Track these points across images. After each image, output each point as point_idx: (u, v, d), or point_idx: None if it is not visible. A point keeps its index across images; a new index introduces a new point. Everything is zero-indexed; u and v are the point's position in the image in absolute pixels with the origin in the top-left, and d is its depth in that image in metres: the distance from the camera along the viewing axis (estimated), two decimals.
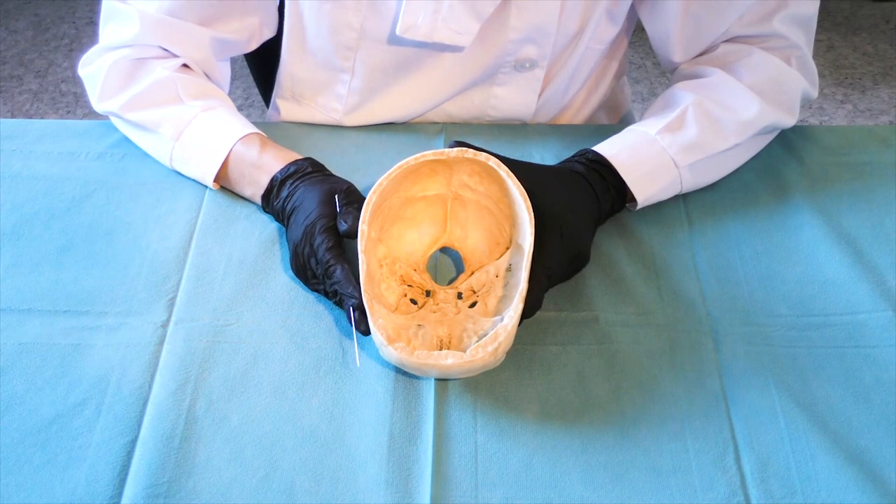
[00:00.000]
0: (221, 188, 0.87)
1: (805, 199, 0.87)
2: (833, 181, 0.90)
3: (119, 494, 0.63)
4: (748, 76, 0.87)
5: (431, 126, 0.97)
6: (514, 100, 0.96)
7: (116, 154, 0.91)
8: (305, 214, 0.76)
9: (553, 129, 0.97)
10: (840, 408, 0.69)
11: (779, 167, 0.91)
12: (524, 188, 0.73)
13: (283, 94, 1.00)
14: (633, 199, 0.83)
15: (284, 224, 0.80)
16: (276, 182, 0.81)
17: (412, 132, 0.96)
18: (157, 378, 0.70)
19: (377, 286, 0.73)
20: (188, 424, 0.67)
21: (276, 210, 0.81)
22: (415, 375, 0.70)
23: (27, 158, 0.90)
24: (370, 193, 0.73)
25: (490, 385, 0.70)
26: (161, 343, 0.72)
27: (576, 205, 0.78)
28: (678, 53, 0.93)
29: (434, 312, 0.73)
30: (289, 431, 0.67)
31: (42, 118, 2.14)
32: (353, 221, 0.73)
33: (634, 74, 2.32)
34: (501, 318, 0.69)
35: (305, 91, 0.98)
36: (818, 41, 2.44)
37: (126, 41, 0.86)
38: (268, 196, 0.82)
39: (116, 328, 0.74)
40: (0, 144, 0.91)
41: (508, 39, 0.90)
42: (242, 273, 0.78)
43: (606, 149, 0.83)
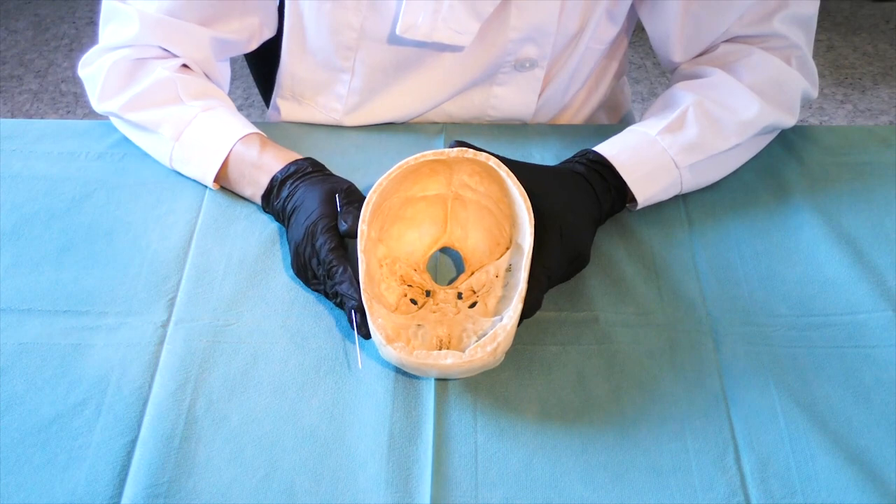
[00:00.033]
0: (221, 188, 0.87)
1: (805, 199, 0.87)
2: (833, 181, 0.90)
3: (119, 494, 0.63)
4: (748, 76, 0.87)
5: (431, 126, 0.97)
6: (514, 100, 0.96)
7: (116, 154, 0.91)
8: (306, 214, 0.76)
9: (553, 129, 0.97)
10: (840, 408, 0.69)
11: (779, 167, 0.91)
12: (524, 188, 0.73)
13: (284, 94, 1.00)
14: (634, 200, 0.83)
15: (285, 224, 0.80)
16: (277, 182, 0.81)
17: (412, 132, 0.96)
18: (157, 378, 0.70)
19: (377, 286, 0.73)
20: (188, 424, 0.67)
21: (277, 210, 0.81)
22: (415, 375, 0.70)
23: (27, 158, 0.90)
24: (370, 193, 0.73)
25: (490, 385, 0.70)
26: (161, 343, 0.72)
27: (576, 205, 0.78)
28: (678, 53, 0.93)
29: (434, 312, 0.73)
30: (289, 431, 0.67)
31: (42, 118, 2.14)
32: (354, 221, 0.73)
33: (634, 74, 2.32)
34: (501, 319, 0.69)
35: (305, 91, 0.98)
36: (818, 41, 2.44)
37: (126, 41, 0.86)
38: (268, 196, 0.82)
39: (116, 328, 0.74)
40: (0, 144, 0.91)
41: (508, 39, 0.90)
42: (242, 273, 0.78)
43: (607, 149, 0.83)
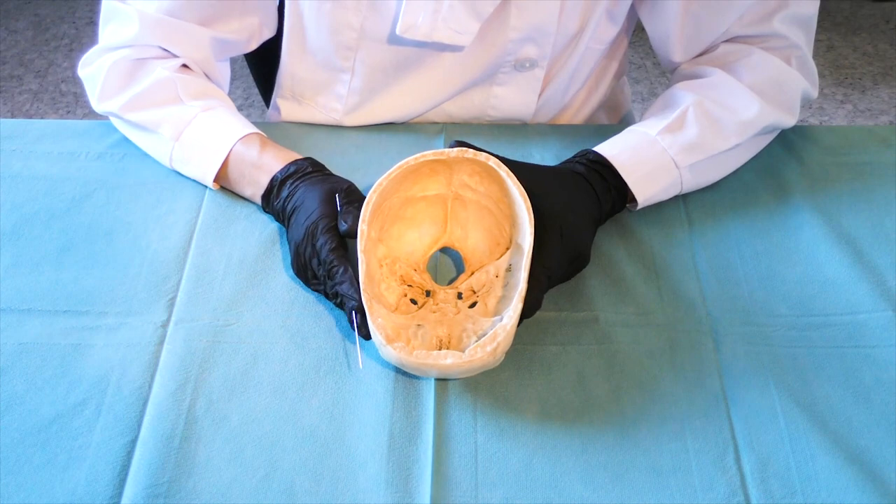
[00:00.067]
0: (221, 188, 0.87)
1: (805, 199, 0.87)
2: (833, 181, 0.90)
3: (119, 494, 0.63)
4: (748, 76, 0.87)
5: (431, 126, 0.97)
6: (514, 100, 0.96)
7: (116, 154, 0.91)
8: (307, 214, 0.76)
9: (553, 129, 0.97)
10: (840, 408, 0.69)
11: (779, 167, 0.91)
12: (524, 188, 0.73)
13: (284, 94, 1.00)
14: (634, 200, 0.83)
15: (285, 224, 0.80)
16: (277, 182, 0.81)
17: (412, 132, 0.96)
18: (157, 378, 0.70)
19: (377, 286, 0.73)
20: (188, 424, 0.67)
21: (277, 210, 0.81)
22: (415, 375, 0.70)
23: (27, 158, 0.90)
24: (370, 193, 0.73)
25: (490, 385, 0.70)
26: (161, 343, 0.72)
27: (576, 205, 0.78)
28: (678, 53, 0.93)
29: (434, 312, 0.73)
30: (289, 431, 0.67)
31: (42, 118, 2.14)
32: (354, 221, 0.73)
33: (634, 74, 2.32)
34: (501, 319, 0.69)
35: (306, 91, 0.98)
36: (818, 41, 2.44)
37: (126, 41, 0.86)
38: (268, 196, 0.82)
39: (116, 328, 0.74)
40: (0, 144, 0.91)
41: (508, 39, 0.89)
42: (242, 273, 0.78)
43: (607, 149, 0.83)
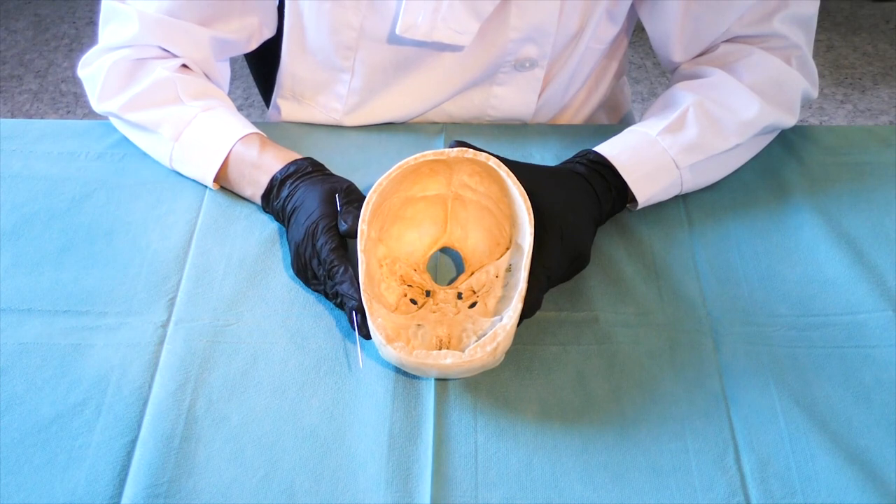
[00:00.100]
0: (221, 188, 0.87)
1: (805, 199, 0.87)
2: (833, 181, 0.90)
3: (119, 494, 0.63)
4: (748, 76, 0.87)
5: (431, 126, 0.97)
6: (514, 99, 0.96)
7: (116, 154, 0.91)
8: (307, 214, 0.76)
9: (553, 129, 0.97)
10: (840, 408, 0.69)
11: (779, 167, 0.91)
12: (524, 188, 0.73)
13: (284, 94, 1.00)
14: (634, 200, 0.83)
15: (285, 224, 0.80)
16: (276, 182, 0.81)
17: (412, 132, 0.96)
18: (157, 378, 0.70)
19: (377, 286, 0.73)
20: (188, 424, 0.67)
21: (277, 210, 0.81)
22: (415, 375, 0.70)
23: (27, 158, 0.90)
24: (370, 193, 0.73)
25: (490, 385, 0.70)
26: (161, 343, 0.72)
27: (576, 205, 0.78)
28: (678, 53, 0.93)
29: (434, 312, 0.73)
30: (289, 431, 0.67)
31: (42, 118, 2.14)
32: (354, 221, 0.73)
33: (634, 74, 2.32)
34: (501, 318, 0.69)
35: (306, 91, 0.98)
36: (818, 41, 2.44)
37: (125, 41, 0.86)
38: (268, 196, 0.82)
39: (116, 328, 0.74)
40: (0, 144, 0.91)
41: (508, 39, 0.89)
42: (242, 273, 0.78)
43: (607, 149, 0.83)
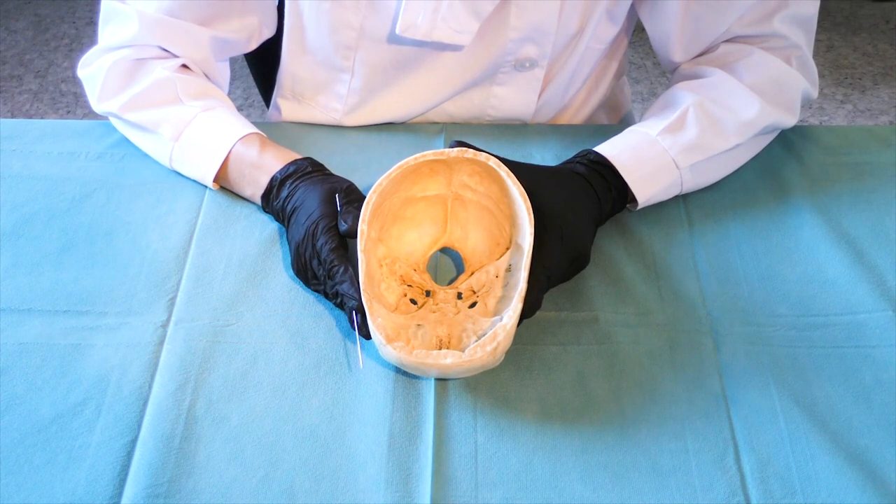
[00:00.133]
0: (221, 188, 0.87)
1: (805, 199, 0.87)
2: (833, 181, 0.90)
3: (119, 494, 0.63)
4: (748, 76, 0.87)
5: (431, 126, 0.97)
6: (514, 99, 0.96)
7: (116, 154, 0.91)
8: (307, 214, 0.76)
9: (553, 129, 0.97)
10: (840, 408, 0.69)
11: (779, 167, 0.91)
12: (524, 188, 0.73)
13: (284, 94, 1.00)
14: (634, 200, 0.83)
15: (284, 224, 0.80)
16: (276, 182, 0.81)
17: (412, 132, 0.96)
18: (157, 378, 0.70)
19: (377, 286, 0.73)
20: (188, 424, 0.67)
21: (276, 210, 0.81)
22: (415, 375, 0.70)
23: (27, 158, 0.90)
24: (370, 193, 0.73)
25: (490, 385, 0.70)
26: (161, 343, 0.72)
27: (576, 205, 0.78)
28: (678, 53, 0.93)
29: (434, 312, 0.73)
30: (289, 431, 0.67)
31: (42, 118, 2.14)
32: (354, 221, 0.73)
33: (634, 74, 2.32)
34: (501, 318, 0.69)
35: (306, 90, 0.98)
36: (818, 41, 2.44)
37: (125, 41, 0.86)
38: (267, 196, 0.82)
39: (116, 328, 0.74)
40: (0, 144, 0.91)
41: (508, 39, 0.89)
42: (242, 273, 0.78)
43: (608, 149, 0.83)
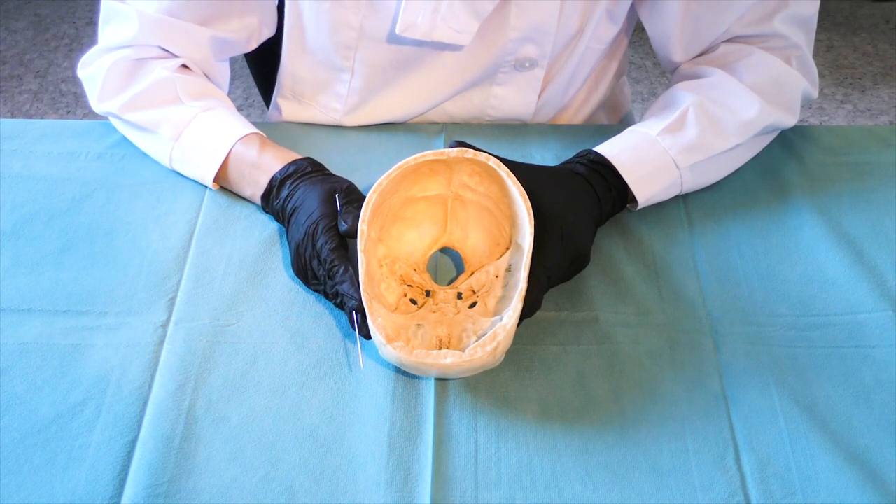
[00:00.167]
0: (221, 188, 0.87)
1: (805, 199, 0.87)
2: (833, 181, 0.90)
3: (119, 494, 0.63)
4: (748, 76, 0.87)
5: (431, 126, 0.97)
6: (514, 99, 0.96)
7: (116, 154, 0.91)
8: (307, 214, 0.76)
9: (553, 129, 0.97)
10: (840, 408, 0.69)
11: (779, 167, 0.91)
12: (524, 188, 0.73)
13: (285, 94, 1.00)
14: (634, 200, 0.83)
15: (284, 224, 0.80)
16: (276, 182, 0.81)
17: (412, 132, 0.96)
18: (157, 378, 0.70)
19: (377, 286, 0.73)
20: (188, 424, 0.67)
21: (276, 210, 0.81)
22: (415, 375, 0.70)
23: (27, 158, 0.90)
24: (370, 193, 0.73)
25: (490, 385, 0.70)
26: (161, 343, 0.72)
27: (576, 205, 0.78)
28: (678, 53, 0.93)
29: (434, 312, 0.73)
30: (289, 431, 0.67)
31: (42, 118, 2.14)
32: (354, 221, 0.73)
33: (634, 74, 2.32)
34: (501, 318, 0.69)
35: (306, 90, 0.98)
36: (818, 41, 2.44)
37: (125, 41, 0.86)
38: (267, 196, 0.82)
39: (116, 328, 0.74)
40: (0, 144, 0.91)
41: (508, 39, 0.89)
42: (242, 273, 0.78)
43: (608, 149, 0.83)
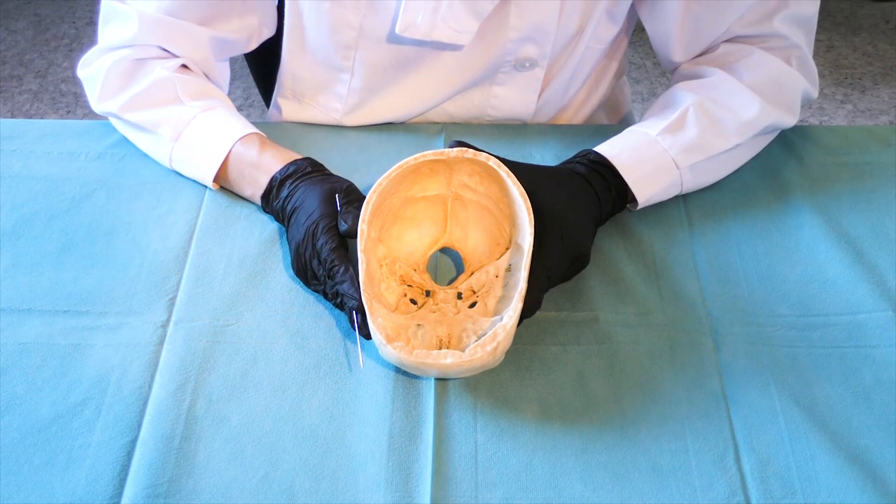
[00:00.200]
0: (221, 188, 0.87)
1: (805, 199, 0.87)
2: (833, 181, 0.90)
3: (119, 494, 0.63)
4: (748, 76, 0.87)
5: (431, 126, 0.97)
6: (514, 99, 0.96)
7: (116, 154, 0.91)
8: (307, 214, 0.76)
9: (553, 129, 0.97)
10: (840, 408, 0.69)
11: (779, 167, 0.91)
12: (524, 188, 0.73)
13: (285, 94, 1.00)
14: (634, 200, 0.83)
15: (284, 224, 0.80)
16: (276, 182, 0.81)
17: (412, 132, 0.96)
18: (157, 378, 0.70)
19: (377, 286, 0.73)
20: (188, 424, 0.67)
21: (276, 210, 0.81)
22: (415, 375, 0.70)
23: (27, 158, 0.90)
24: (370, 193, 0.73)
25: (490, 385, 0.70)
26: (161, 343, 0.72)
27: (576, 205, 0.78)
28: (678, 53, 0.93)
29: (434, 312, 0.73)
30: (289, 431, 0.67)
31: (42, 118, 2.14)
32: (354, 221, 0.73)
33: (634, 74, 2.32)
34: (501, 318, 0.69)
35: (306, 90, 0.98)
36: (818, 41, 2.44)
37: (125, 41, 0.86)
38: (267, 196, 0.82)
39: (116, 328, 0.74)
40: (0, 144, 0.91)
41: (508, 39, 0.89)
42: (242, 273, 0.78)
43: (608, 149, 0.83)
